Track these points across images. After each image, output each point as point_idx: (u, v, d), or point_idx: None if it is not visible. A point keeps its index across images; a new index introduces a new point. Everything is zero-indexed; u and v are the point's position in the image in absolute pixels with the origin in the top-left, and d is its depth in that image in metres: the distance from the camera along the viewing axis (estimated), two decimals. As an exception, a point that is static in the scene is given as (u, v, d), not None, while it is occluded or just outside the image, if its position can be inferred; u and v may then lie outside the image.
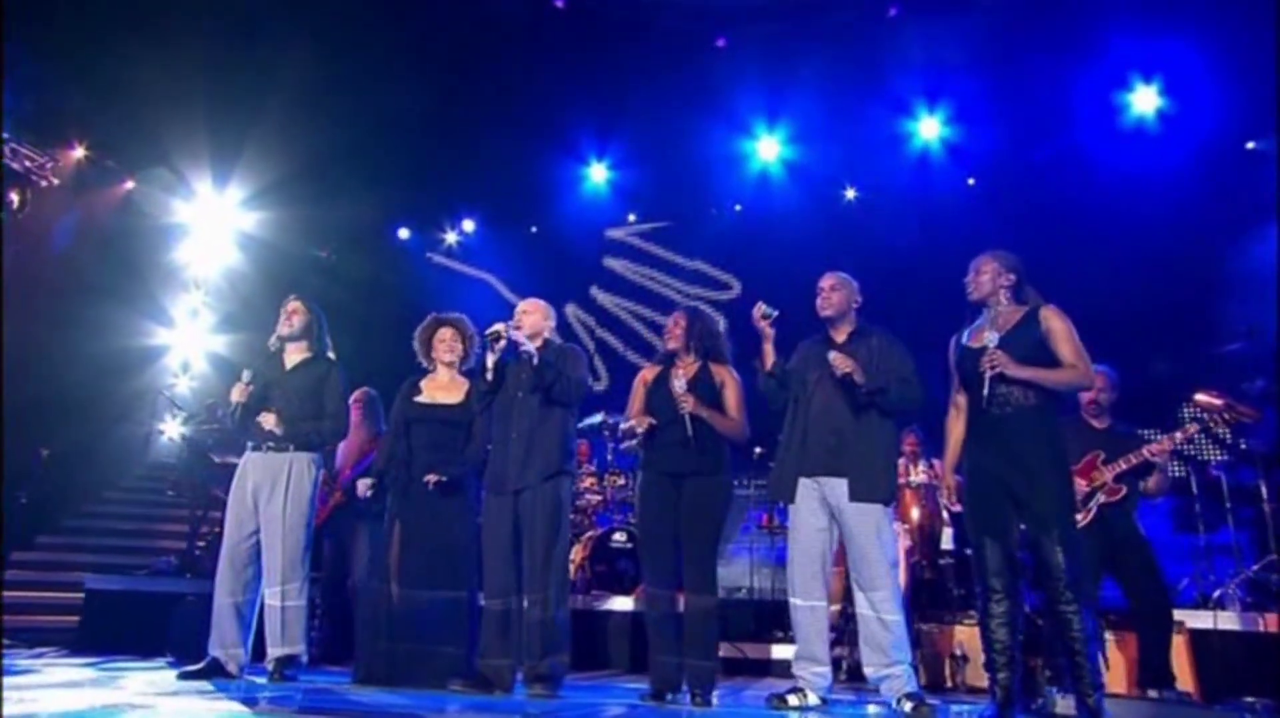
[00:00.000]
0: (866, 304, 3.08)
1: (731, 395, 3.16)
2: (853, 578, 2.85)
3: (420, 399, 3.42)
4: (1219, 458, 5.20)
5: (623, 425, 3.26)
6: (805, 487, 2.93)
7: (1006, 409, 2.63)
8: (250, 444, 3.35)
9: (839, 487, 2.85)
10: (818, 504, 2.89)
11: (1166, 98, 6.39)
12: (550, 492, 3.10)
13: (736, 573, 5.72)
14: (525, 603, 3.06)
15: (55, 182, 5.83)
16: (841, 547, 2.97)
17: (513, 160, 7.46)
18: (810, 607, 2.83)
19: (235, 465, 3.34)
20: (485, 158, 7.45)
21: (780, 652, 4.24)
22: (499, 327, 3.16)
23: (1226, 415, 3.54)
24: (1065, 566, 2.47)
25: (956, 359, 2.82)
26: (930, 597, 4.52)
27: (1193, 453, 5.43)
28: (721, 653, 3.30)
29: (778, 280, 7.17)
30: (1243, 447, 4.83)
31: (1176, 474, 5.76)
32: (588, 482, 5.54)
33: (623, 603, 4.57)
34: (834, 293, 3.03)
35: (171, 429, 7.35)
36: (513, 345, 3.20)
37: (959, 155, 7.13)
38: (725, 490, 3.08)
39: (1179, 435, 3.43)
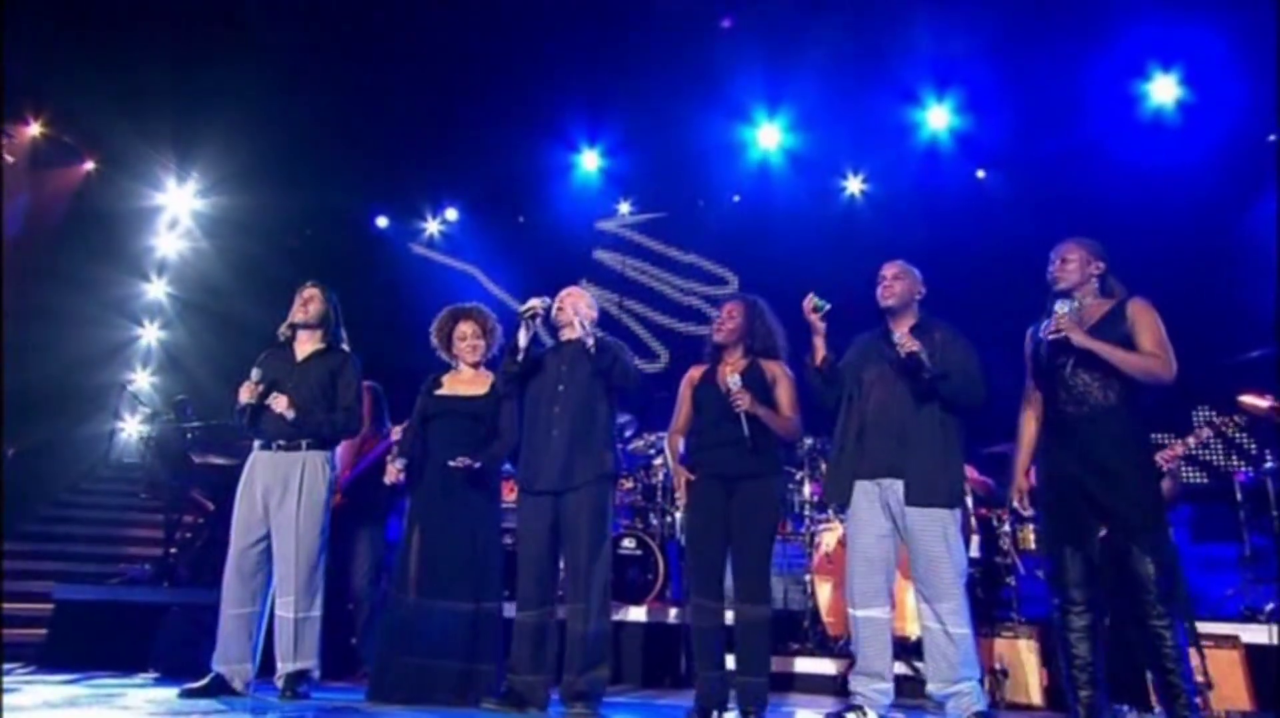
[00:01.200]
0: (867, 303, 3.10)
1: (785, 393, 3.14)
2: (916, 588, 2.80)
3: (440, 393, 3.37)
4: (1242, 466, 5.25)
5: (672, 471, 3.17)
6: (864, 489, 2.88)
7: (1084, 409, 2.61)
8: (259, 443, 3.29)
9: (900, 489, 2.80)
10: (878, 508, 2.83)
11: (1186, 88, 6.41)
12: (595, 495, 3.05)
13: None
14: (564, 615, 3.03)
15: (9, 159, 5.82)
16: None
17: (499, 145, 7.39)
18: (871, 618, 2.78)
19: (219, 466, 3.32)
20: (470, 142, 7.38)
21: (805, 665, 4.18)
22: (535, 303, 3.14)
23: (1277, 418, 3.55)
24: (1156, 577, 2.44)
25: (1031, 353, 2.80)
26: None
27: (1208, 458, 5.50)
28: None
29: (777, 275, 7.23)
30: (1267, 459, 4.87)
31: (1194, 481, 5.85)
32: None
33: (635, 613, 4.53)
34: (897, 282, 2.96)
35: (132, 427, 7.26)
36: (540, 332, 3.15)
37: (968, 146, 7.12)
38: (780, 494, 3.09)
39: (1191, 441, 3.44)
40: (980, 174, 7.21)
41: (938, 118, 7.14)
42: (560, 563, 3.14)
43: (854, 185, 7.66)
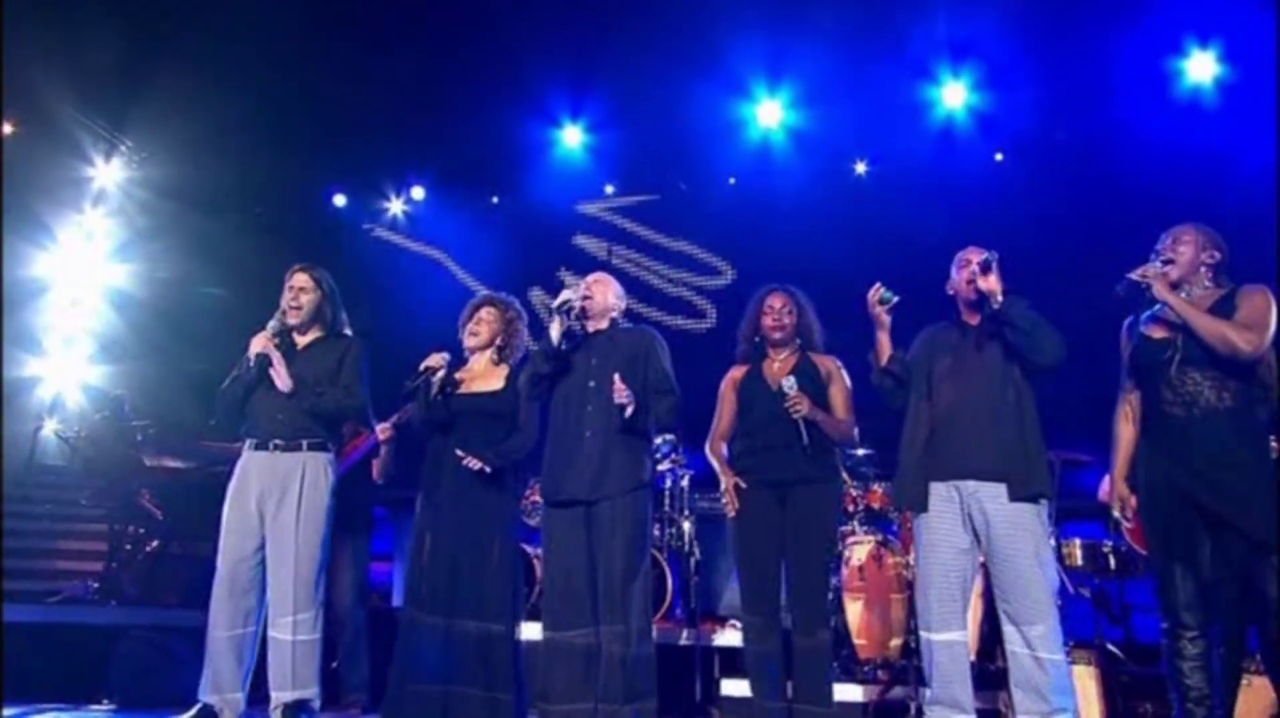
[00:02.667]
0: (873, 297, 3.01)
1: (841, 393, 3.18)
2: (1001, 607, 2.75)
3: (472, 389, 3.35)
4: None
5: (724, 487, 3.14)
6: (940, 494, 2.85)
7: (1193, 411, 2.57)
8: (251, 442, 3.22)
9: (985, 491, 2.76)
10: (958, 516, 2.81)
11: (1226, 65, 6.28)
12: (632, 506, 3.04)
13: (736, 600, 5.56)
14: (600, 638, 2.98)
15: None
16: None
17: (472, 118, 7.18)
18: (951, 643, 2.74)
19: (174, 469, 3.21)
20: (439, 115, 7.19)
21: (842, 692, 4.05)
22: (569, 294, 3.18)
23: None
24: None
25: (1132, 350, 2.75)
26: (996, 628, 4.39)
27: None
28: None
29: (777, 266, 7.12)
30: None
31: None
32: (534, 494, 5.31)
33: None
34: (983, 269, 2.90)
35: (53, 426, 6.99)
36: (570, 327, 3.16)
37: (987, 126, 6.93)
38: (838, 501, 3.15)
39: None
40: (999, 157, 7.06)
41: (954, 95, 6.94)
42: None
43: (862, 168, 7.49)
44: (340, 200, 8.49)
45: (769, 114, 7.42)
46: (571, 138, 7.86)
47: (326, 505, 3.18)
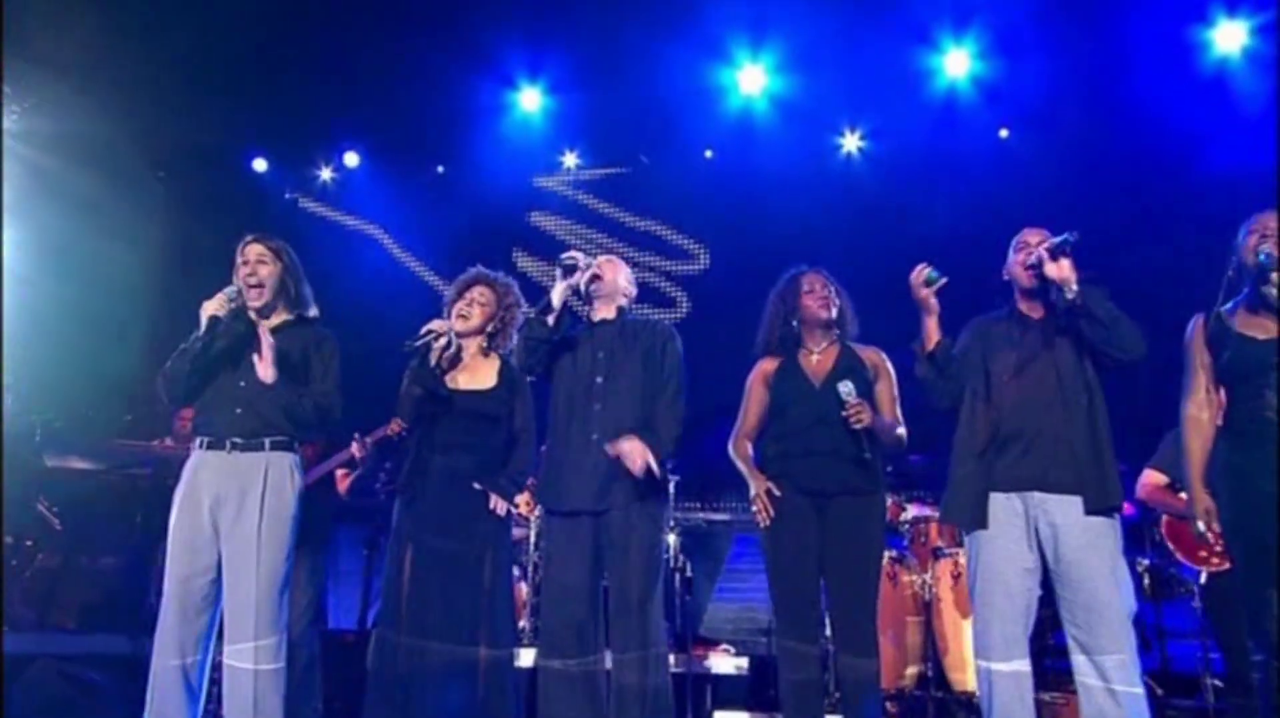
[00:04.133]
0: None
1: (888, 389, 3.15)
2: (1071, 633, 2.71)
3: (464, 386, 3.28)
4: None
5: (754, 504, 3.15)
6: (1004, 506, 2.80)
7: None
8: (204, 441, 3.10)
9: (1056, 504, 2.73)
10: (1024, 532, 2.76)
11: (1258, 37, 6.24)
12: (647, 516, 3.01)
13: (721, 622, 5.66)
14: (610, 664, 2.97)
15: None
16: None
17: (415, 75, 7.00)
18: (1014, 674, 2.70)
19: (86, 471, 3.02)
20: (378, 69, 6.96)
21: None
22: (577, 255, 3.18)
23: None
24: None
25: (1231, 352, 2.70)
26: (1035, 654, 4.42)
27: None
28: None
29: (757, 249, 7.07)
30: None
31: None
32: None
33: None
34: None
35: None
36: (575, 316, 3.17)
37: (992, 98, 6.92)
38: (884, 514, 3.10)
39: None
40: (1004, 133, 7.07)
41: (956, 63, 6.90)
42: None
43: (852, 142, 7.45)
44: (260, 165, 8.24)
45: (751, 80, 7.31)
46: (529, 101, 7.73)
47: (292, 514, 3.09)
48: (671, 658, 4.18)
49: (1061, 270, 2.76)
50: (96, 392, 5.90)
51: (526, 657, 3.29)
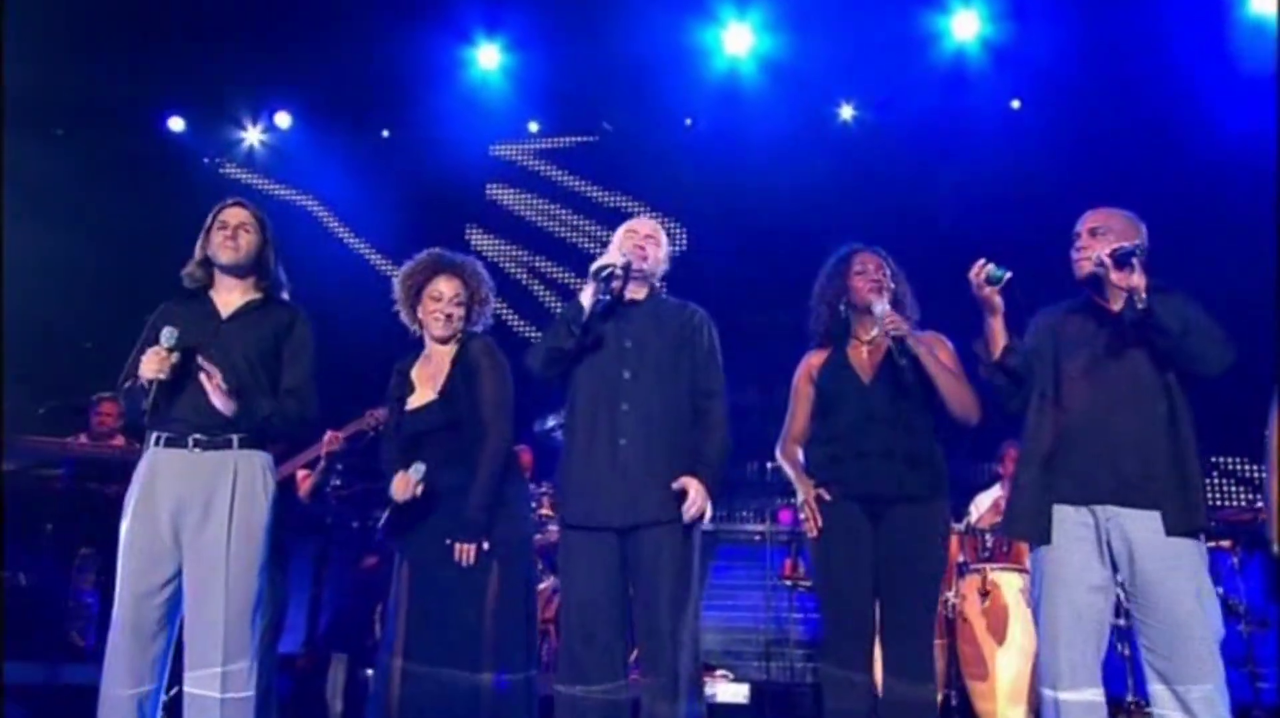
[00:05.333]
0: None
1: (950, 357, 3.12)
2: (1149, 661, 2.69)
3: (414, 405, 3.28)
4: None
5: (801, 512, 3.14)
6: (1071, 519, 2.79)
7: None
8: (159, 437, 3.03)
9: (1131, 520, 2.71)
10: (1094, 547, 2.75)
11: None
12: (680, 532, 2.97)
13: (710, 644, 5.70)
14: (635, 692, 2.97)
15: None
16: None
17: (359, 27, 6.91)
18: (1084, 704, 2.69)
19: None
20: (315, 20, 6.91)
21: None
22: (617, 255, 3.01)
23: None
24: None
25: None
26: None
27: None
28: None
29: (741, 229, 7.06)
30: None
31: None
32: (543, 508, 5.37)
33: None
34: (1113, 239, 2.81)
35: None
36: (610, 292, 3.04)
37: (1005, 65, 6.95)
38: (946, 524, 3.12)
39: None
40: (1016, 104, 7.15)
41: (965, 25, 6.91)
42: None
43: (849, 112, 7.50)
44: (177, 124, 8.13)
45: (737, 40, 7.30)
46: (487, 59, 7.66)
47: (266, 521, 3.04)
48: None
49: (1129, 280, 2.71)
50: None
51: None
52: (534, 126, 8.09)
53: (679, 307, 3.22)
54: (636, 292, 3.17)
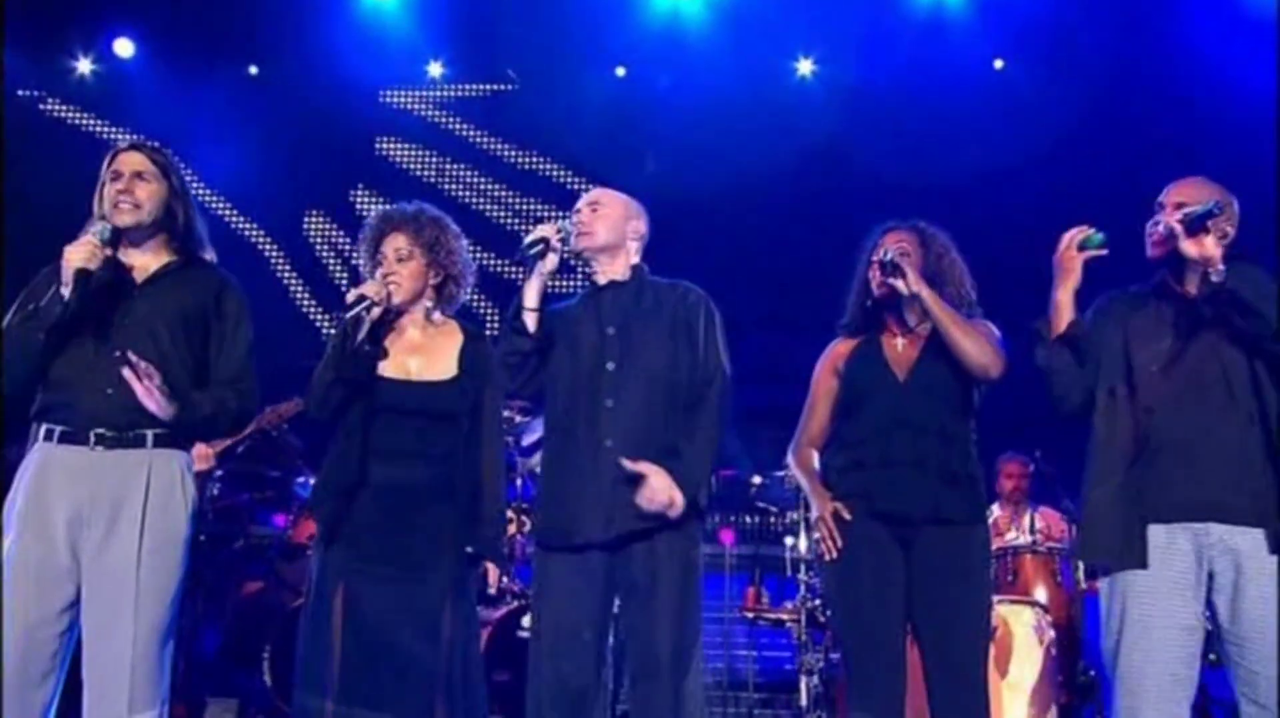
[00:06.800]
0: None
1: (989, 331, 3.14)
2: (1247, 703, 2.71)
3: (394, 374, 3.21)
4: None
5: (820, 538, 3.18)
6: (1162, 543, 2.75)
7: None
8: (55, 430, 2.94)
9: (1241, 540, 2.69)
10: (1192, 575, 2.73)
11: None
12: (678, 549, 3.00)
13: None
14: None
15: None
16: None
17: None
18: None
19: None
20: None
21: None
22: (547, 229, 3.02)
23: None
24: None
25: None
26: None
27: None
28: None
29: (680, 198, 7.00)
30: None
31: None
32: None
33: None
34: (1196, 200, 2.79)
35: None
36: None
37: (989, 18, 7.08)
38: (988, 549, 3.16)
39: None
40: (999, 64, 7.25)
41: (941, -26, 6.87)
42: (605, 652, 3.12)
43: (808, 67, 7.53)
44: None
45: (678, -21, 7.08)
46: (379, -16, 7.15)
47: (185, 535, 2.99)
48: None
49: (1202, 248, 2.70)
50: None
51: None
52: (435, 70, 7.96)
53: (669, 287, 3.22)
54: (614, 270, 3.16)
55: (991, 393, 3.16)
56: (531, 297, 3.05)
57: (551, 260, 3.03)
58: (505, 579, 3.21)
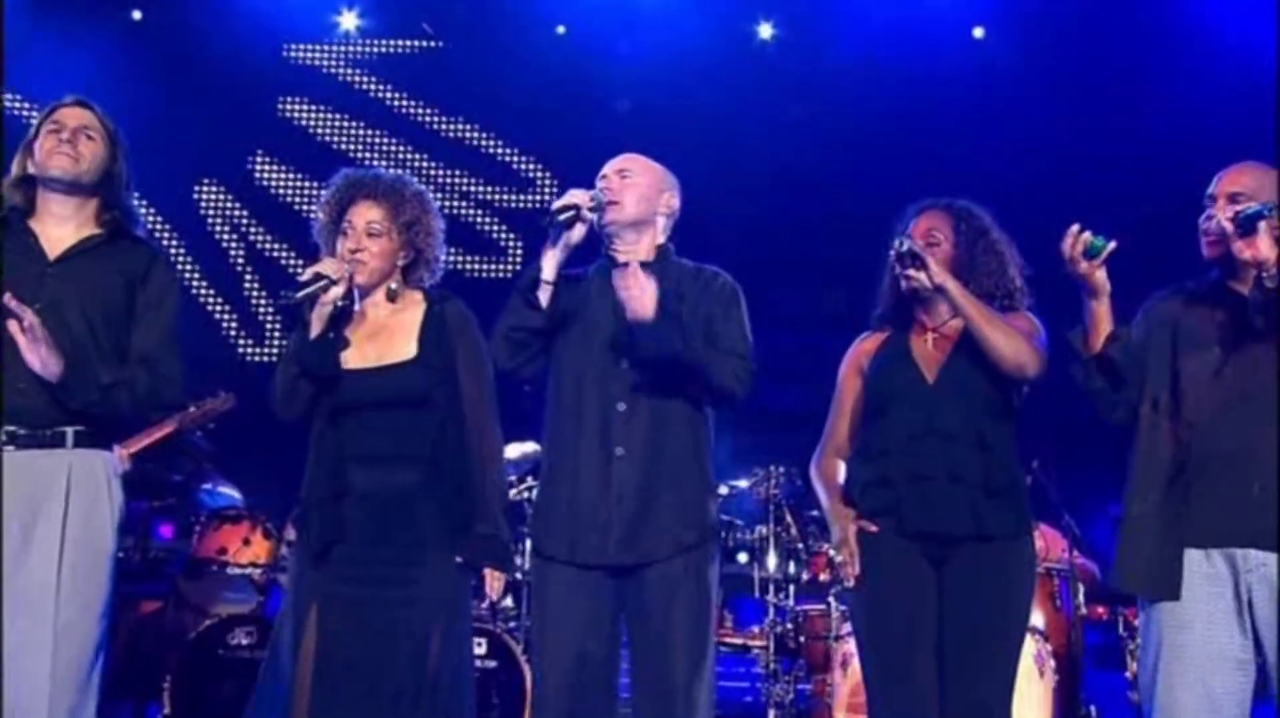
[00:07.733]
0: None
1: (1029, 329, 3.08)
2: None
3: (357, 363, 3.16)
4: None
5: (840, 563, 3.21)
6: (1200, 570, 2.79)
7: None
8: None
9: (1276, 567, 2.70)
10: (1231, 607, 2.75)
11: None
12: (694, 571, 3.02)
13: None
14: None
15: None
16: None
17: None
18: None
19: None
20: None
21: None
22: (578, 195, 2.94)
23: None
24: None
25: None
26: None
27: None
28: None
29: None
30: None
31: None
32: None
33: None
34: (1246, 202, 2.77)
35: None
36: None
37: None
38: (1032, 570, 3.14)
39: None
40: (978, 32, 7.38)
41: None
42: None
43: (768, 31, 7.62)
44: None
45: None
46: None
47: (110, 546, 3.04)
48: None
49: (1256, 250, 2.74)
50: None
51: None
52: (348, 22, 7.92)
53: (695, 272, 3.19)
54: (634, 250, 3.11)
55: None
56: (550, 269, 3.00)
57: (579, 231, 2.97)
58: (518, 575, 3.17)
